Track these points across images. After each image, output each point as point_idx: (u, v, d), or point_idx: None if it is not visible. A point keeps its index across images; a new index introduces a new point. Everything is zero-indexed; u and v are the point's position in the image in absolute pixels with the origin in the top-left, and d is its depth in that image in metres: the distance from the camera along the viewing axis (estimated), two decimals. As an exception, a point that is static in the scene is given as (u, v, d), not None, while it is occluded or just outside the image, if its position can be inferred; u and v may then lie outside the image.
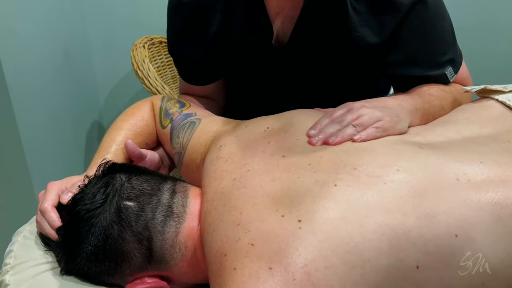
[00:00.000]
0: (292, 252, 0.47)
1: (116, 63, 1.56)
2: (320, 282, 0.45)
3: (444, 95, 0.78)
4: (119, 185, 0.61)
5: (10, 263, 0.64)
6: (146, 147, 0.84)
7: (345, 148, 0.60)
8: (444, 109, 0.76)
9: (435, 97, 0.76)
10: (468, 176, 0.53)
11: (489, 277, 0.50)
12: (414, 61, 0.80)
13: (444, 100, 0.77)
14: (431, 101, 0.75)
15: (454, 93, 0.80)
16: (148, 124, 0.84)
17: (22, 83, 1.09)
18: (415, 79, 0.80)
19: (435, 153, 0.57)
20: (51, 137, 1.25)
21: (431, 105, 0.75)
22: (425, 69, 0.80)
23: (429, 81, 0.80)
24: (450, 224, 0.50)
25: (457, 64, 0.82)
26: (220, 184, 0.61)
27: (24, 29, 1.11)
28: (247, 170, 0.61)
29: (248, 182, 0.58)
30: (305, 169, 0.57)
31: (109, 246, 0.58)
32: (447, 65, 0.81)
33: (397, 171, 0.54)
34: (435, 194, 0.52)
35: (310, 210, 0.51)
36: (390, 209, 0.50)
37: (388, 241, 0.48)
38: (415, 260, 0.48)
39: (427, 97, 0.76)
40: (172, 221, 0.60)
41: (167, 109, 0.84)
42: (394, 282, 0.48)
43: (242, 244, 0.50)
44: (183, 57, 0.89)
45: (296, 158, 0.60)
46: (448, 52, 0.81)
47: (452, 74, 0.81)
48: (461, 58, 0.84)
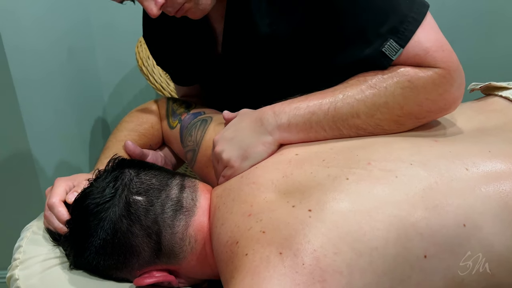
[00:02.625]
0: (302, 238, 0.48)
1: (120, 59, 1.57)
2: (329, 268, 0.47)
3: (368, 94, 0.61)
4: (128, 179, 0.62)
5: (19, 258, 0.65)
6: (149, 147, 0.85)
7: (364, 144, 0.61)
8: (359, 116, 0.61)
9: (344, 102, 0.61)
10: (477, 166, 0.54)
11: (494, 264, 0.51)
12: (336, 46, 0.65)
13: (364, 102, 0.61)
14: (329, 110, 0.62)
15: (393, 87, 0.60)
16: (153, 126, 0.86)
17: (27, 82, 1.09)
18: (340, 69, 0.65)
19: (447, 145, 0.59)
20: (57, 134, 1.25)
21: (325, 115, 0.62)
22: (350, 53, 0.64)
23: (365, 66, 0.63)
24: (458, 214, 0.51)
25: (404, 31, 0.60)
26: (228, 181, 0.63)
27: (29, 26, 1.12)
28: (255, 167, 0.62)
29: (257, 178, 0.60)
30: (318, 165, 0.58)
31: (118, 240, 0.59)
32: (385, 38, 0.60)
33: (410, 165, 0.55)
34: (445, 185, 0.53)
35: (320, 200, 0.52)
36: (399, 201, 0.51)
37: (396, 231, 0.50)
38: (422, 249, 0.50)
39: (327, 103, 0.62)
40: (182, 215, 0.61)
41: (174, 110, 0.86)
42: (402, 270, 0.49)
43: (253, 232, 0.51)
44: (165, 66, 0.93)
45: (310, 155, 0.61)
46: (387, 19, 0.60)
47: (395, 49, 0.60)
48: (416, 18, 0.60)
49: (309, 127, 0.63)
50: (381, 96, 0.61)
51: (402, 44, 0.60)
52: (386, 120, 0.61)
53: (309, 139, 0.64)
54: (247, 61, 0.78)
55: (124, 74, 1.62)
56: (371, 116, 0.61)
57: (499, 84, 0.74)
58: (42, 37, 1.18)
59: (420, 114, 0.62)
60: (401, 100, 0.60)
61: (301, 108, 0.64)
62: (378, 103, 0.61)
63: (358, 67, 0.64)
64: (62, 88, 1.29)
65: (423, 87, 0.60)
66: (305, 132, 0.64)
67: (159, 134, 0.87)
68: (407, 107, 0.60)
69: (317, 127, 0.63)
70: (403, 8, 0.61)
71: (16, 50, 1.05)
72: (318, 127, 0.63)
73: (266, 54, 0.73)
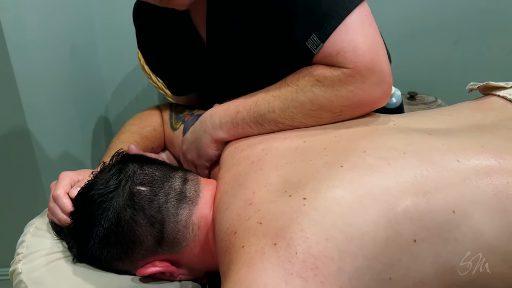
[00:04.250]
0: (295, 227, 0.49)
1: (122, 58, 1.57)
2: (321, 254, 0.47)
3: (283, 91, 0.67)
4: (132, 171, 0.63)
5: (22, 252, 0.66)
6: (151, 150, 0.87)
7: (363, 134, 0.63)
8: (274, 111, 0.67)
9: (264, 99, 0.68)
10: (469, 158, 0.56)
11: (484, 251, 0.52)
12: (265, 44, 0.70)
13: (279, 98, 0.67)
14: (251, 107, 0.69)
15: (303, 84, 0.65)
16: (156, 129, 0.88)
17: (29, 80, 1.10)
18: (275, 67, 0.69)
19: (441, 139, 0.60)
20: (59, 132, 1.26)
21: (247, 112, 0.69)
22: (279, 51, 0.69)
23: (295, 64, 0.67)
24: (448, 201, 0.52)
25: (326, 26, 0.61)
26: (238, 168, 0.64)
27: (31, 24, 1.13)
28: (266, 154, 0.64)
29: (265, 164, 0.61)
30: (319, 153, 0.60)
31: (121, 229, 0.60)
32: (308, 33, 0.62)
33: (403, 153, 0.57)
34: (436, 174, 0.54)
35: (314, 188, 0.53)
36: (389, 187, 0.53)
37: (386, 215, 0.51)
38: (412, 233, 0.51)
39: (250, 102, 0.69)
40: (185, 204, 0.62)
41: (177, 113, 0.88)
42: (392, 254, 0.50)
43: (251, 223, 0.52)
44: (160, 75, 0.97)
45: (315, 143, 0.63)
46: (312, 13, 0.62)
47: (315, 43, 0.62)
48: (340, 13, 0.61)
49: (236, 124, 0.70)
50: (293, 92, 0.66)
51: (323, 39, 0.62)
52: (300, 113, 0.66)
53: (241, 135, 0.71)
54: (230, 53, 0.78)
55: (126, 73, 1.63)
56: (284, 110, 0.67)
57: (497, 83, 0.75)
58: (45, 35, 1.19)
59: (335, 108, 0.65)
60: (310, 95, 0.65)
61: (230, 108, 0.71)
62: (290, 98, 0.66)
63: (288, 59, 0.67)
64: (65, 86, 1.30)
65: (330, 85, 0.63)
66: (234, 130, 0.71)
67: (161, 137, 0.89)
68: (317, 101, 0.65)
69: (243, 124, 0.70)
70: (328, 1, 0.62)
71: (19, 48, 1.05)
72: (244, 124, 0.70)
73: (245, 44, 0.75)
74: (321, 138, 0.64)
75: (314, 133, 0.66)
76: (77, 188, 0.66)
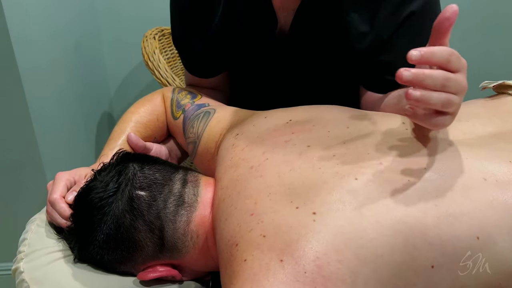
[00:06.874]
0: (305, 244, 0.46)
1: (126, 54, 1.57)
2: (332, 276, 0.45)
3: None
4: (131, 174, 0.62)
5: (24, 250, 0.65)
6: (154, 140, 0.84)
7: (376, 142, 0.58)
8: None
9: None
10: (497, 177, 0.51)
11: (505, 277, 0.48)
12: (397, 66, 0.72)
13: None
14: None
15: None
16: (158, 118, 0.83)
17: (34, 74, 1.09)
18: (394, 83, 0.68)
19: (464, 151, 0.55)
20: (63, 128, 1.26)
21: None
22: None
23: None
24: (472, 226, 0.48)
25: None
26: (236, 172, 0.60)
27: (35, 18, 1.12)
28: (266, 158, 0.59)
29: (266, 171, 0.57)
30: (328, 160, 0.55)
31: (121, 235, 0.59)
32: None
33: (424, 169, 0.52)
34: (460, 194, 0.50)
35: (325, 202, 0.49)
36: (409, 207, 0.48)
37: (404, 238, 0.47)
38: (429, 259, 0.47)
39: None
40: (183, 210, 0.61)
41: (179, 100, 0.84)
42: (407, 278, 0.47)
43: (254, 235, 0.49)
44: (187, 48, 0.87)
45: (322, 149, 0.58)
46: None
47: None
48: None
49: None
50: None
51: None
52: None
53: None
54: (313, 47, 0.80)
55: (130, 68, 1.62)
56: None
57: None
58: (48, 32, 1.18)
59: None
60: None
61: None
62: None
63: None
64: (69, 82, 1.30)
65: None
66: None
67: (164, 126, 0.85)
68: None
69: None
70: None
71: (23, 42, 1.05)
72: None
73: (336, 46, 0.77)
74: (328, 143, 0.59)
75: (318, 138, 0.61)
76: (73, 193, 0.65)
